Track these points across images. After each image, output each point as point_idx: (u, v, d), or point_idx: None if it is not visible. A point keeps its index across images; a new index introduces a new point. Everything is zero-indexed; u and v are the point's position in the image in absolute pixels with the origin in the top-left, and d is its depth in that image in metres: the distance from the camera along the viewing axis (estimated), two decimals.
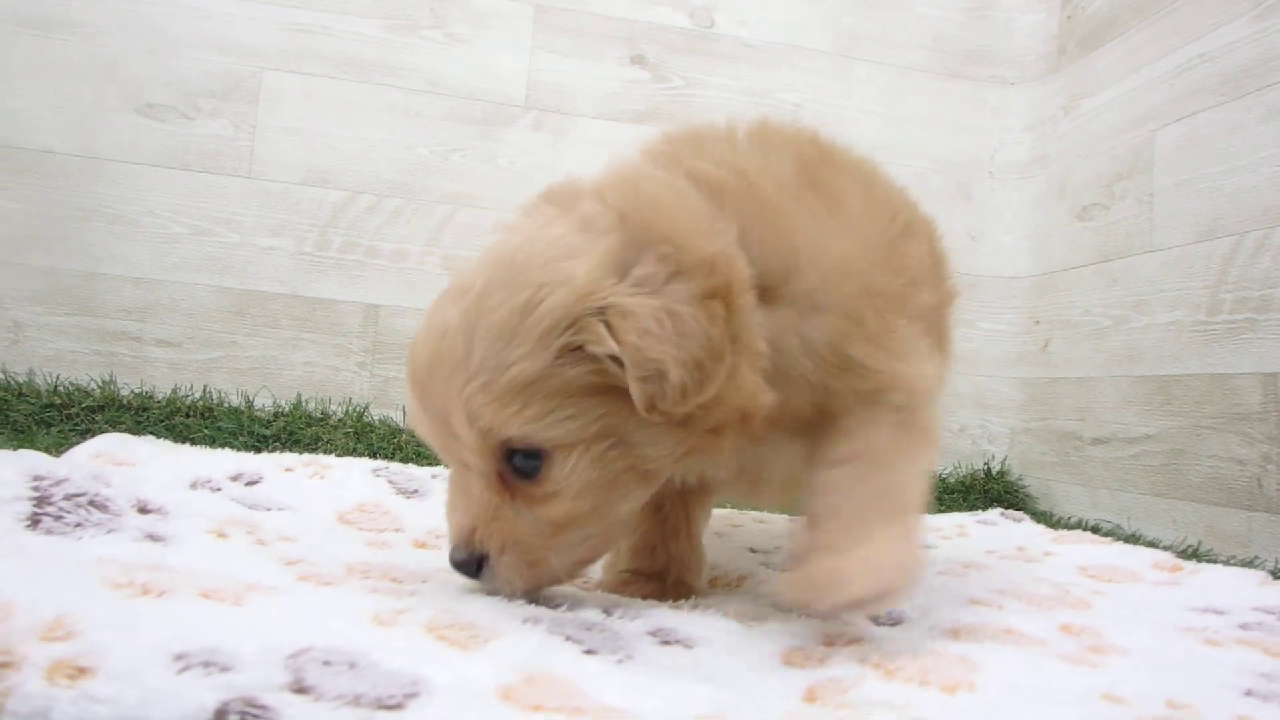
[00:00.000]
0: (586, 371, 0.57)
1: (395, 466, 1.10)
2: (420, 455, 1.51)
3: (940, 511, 1.54)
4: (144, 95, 1.56)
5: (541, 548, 0.61)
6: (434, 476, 1.09)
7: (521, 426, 0.57)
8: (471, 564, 0.60)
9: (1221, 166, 1.29)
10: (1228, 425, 1.24)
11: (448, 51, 1.64)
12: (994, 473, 1.66)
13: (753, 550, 0.99)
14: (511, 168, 1.66)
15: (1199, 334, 1.30)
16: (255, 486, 0.98)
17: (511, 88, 1.66)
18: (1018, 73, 1.76)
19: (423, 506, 1.00)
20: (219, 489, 0.94)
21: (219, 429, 1.44)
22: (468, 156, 1.65)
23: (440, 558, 0.82)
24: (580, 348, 0.56)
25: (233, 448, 1.41)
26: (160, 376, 1.55)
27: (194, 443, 1.43)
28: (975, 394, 1.73)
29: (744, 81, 1.71)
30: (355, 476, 1.03)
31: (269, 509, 0.91)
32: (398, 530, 0.91)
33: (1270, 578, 0.82)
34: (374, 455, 1.50)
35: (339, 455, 1.49)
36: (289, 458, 1.09)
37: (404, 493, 1.02)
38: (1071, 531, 1.13)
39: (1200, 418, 1.28)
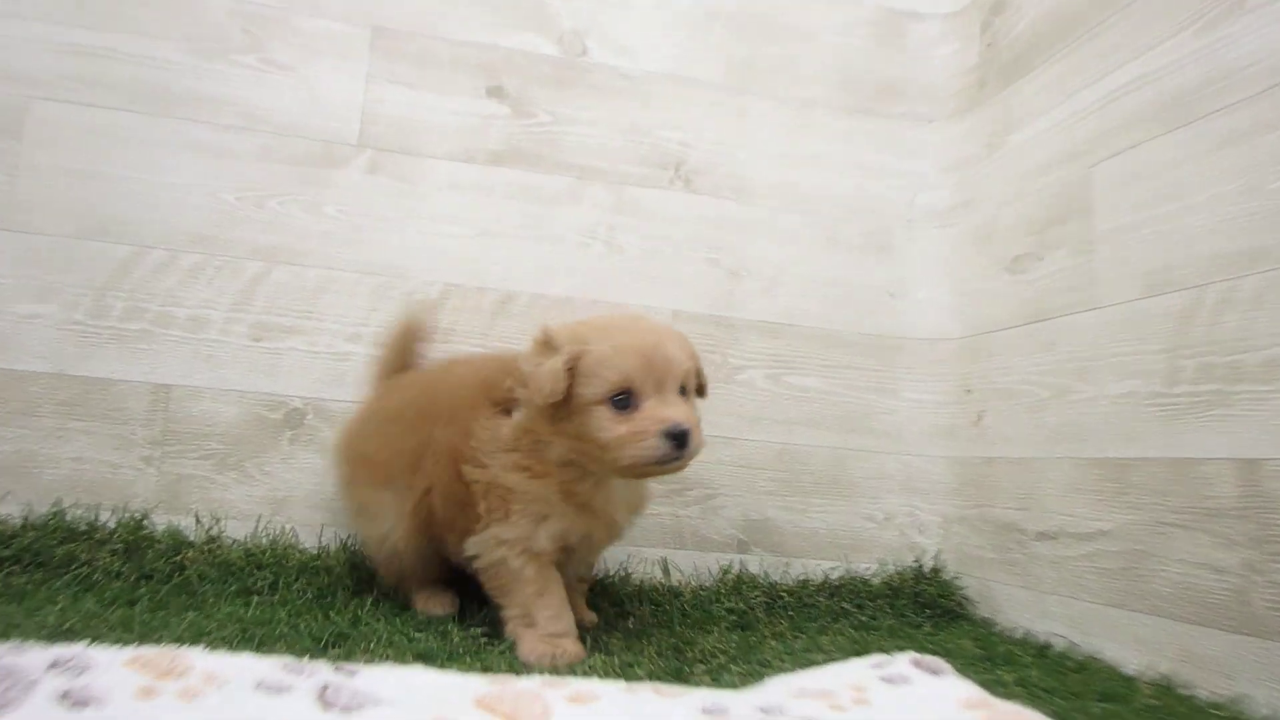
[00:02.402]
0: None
1: None
2: (204, 578, 1.20)
3: (864, 623, 1.28)
4: None
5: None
6: (52, 666, 0.72)
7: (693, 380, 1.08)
8: (686, 434, 0.99)
9: (1171, 206, 1.10)
10: (1199, 522, 1.02)
11: (265, 80, 1.40)
12: (926, 571, 1.42)
13: None
14: (341, 217, 1.41)
15: (1157, 409, 1.09)
16: None
17: (343, 123, 1.42)
18: (934, 108, 1.59)
19: None
20: None
21: None
22: (287, 204, 1.39)
23: None
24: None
25: None
26: None
27: None
28: (902, 475, 1.51)
29: (622, 117, 1.50)
30: None
31: None
32: None
33: None
34: (146, 579, 1.20)
35: (100, 574, 1.19)
36: None
37: None
38: (1008, 707, 0.83)
39: (1164, 512, 1.07)
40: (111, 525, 1.28)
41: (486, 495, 1.06)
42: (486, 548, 1.06)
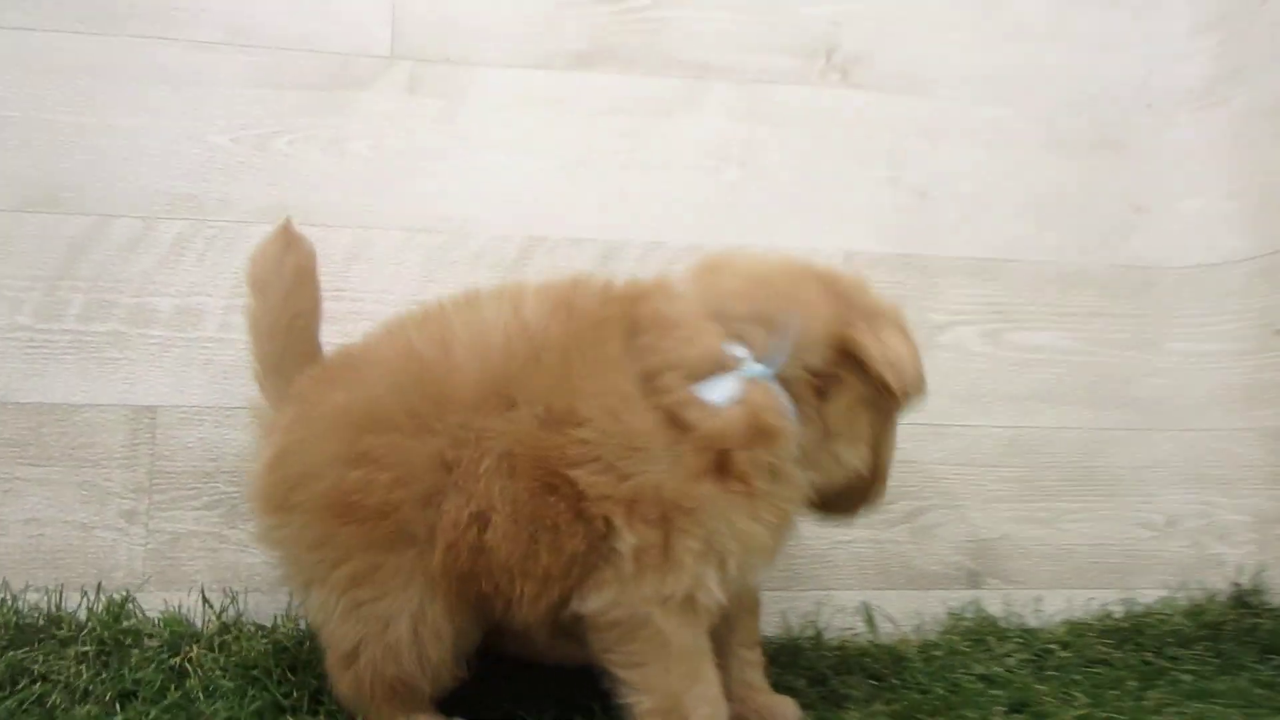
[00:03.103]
0: None
1: None
2: (215, 690, 0.81)
3: (1193, 686, 0.87)
4: None
5: None
6: None
7: None
8: None
9: None
10: None
11: None
12: (1247, 596, 0.99)
13: None
14: (374, 156, 1.03)
15: None
16: None
17: (368, 27, 1.04)
18: None
19: None
20: None
21: None
22: (298, 143, 1.02)
23: None
24: None
25: None
26: None
27: None
28: (1186, 460, 1.09)
29: None
30: None
31: None
32: None
33: None
34: (128, 697, 0.81)
35: (60, 694, 0.80)
36: None
37: None
38: None
39: None
40: (82, 615, 0.90)
41: (632, 518, 0.66)
42: (624, 602, 0.67)
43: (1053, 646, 0.93)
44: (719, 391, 0.68)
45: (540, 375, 0.70)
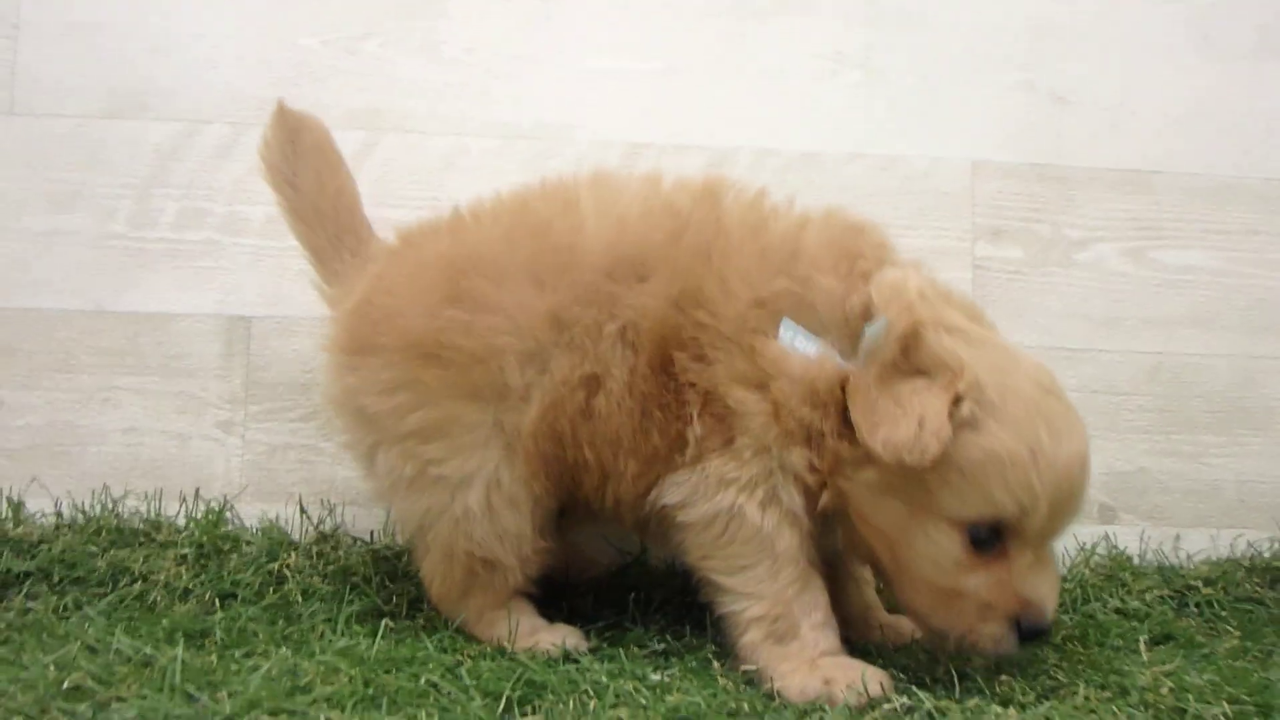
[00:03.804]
0: None
1: None
2: (312, 593, 0.80)
3: None
4: None
5: None
6: None
7: None
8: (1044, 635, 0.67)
9: None
10: None
11: None
12: None
13: None
14: (468, 59, 1.00)
15: None
16: None
17: None
18: None
19: None
20: None
21: None
22: (390, 46, 1.00)
23: None
24: None
25: None
26: None
27: None
28: None
29: None
30: None
31: None
32: None
33: None
34: (227, 599, 0.81)
35: (160, 593, 0.80)
36: None
37: None
38: None
39: None
40: (180, 521, 0.91)
41: (704, 411, 0.66)
42: (702, 490, 0.66)
43: (1195, 584, 0.87)
44: (800, 341, 0.66)
45: (680, 254, 0.68)
